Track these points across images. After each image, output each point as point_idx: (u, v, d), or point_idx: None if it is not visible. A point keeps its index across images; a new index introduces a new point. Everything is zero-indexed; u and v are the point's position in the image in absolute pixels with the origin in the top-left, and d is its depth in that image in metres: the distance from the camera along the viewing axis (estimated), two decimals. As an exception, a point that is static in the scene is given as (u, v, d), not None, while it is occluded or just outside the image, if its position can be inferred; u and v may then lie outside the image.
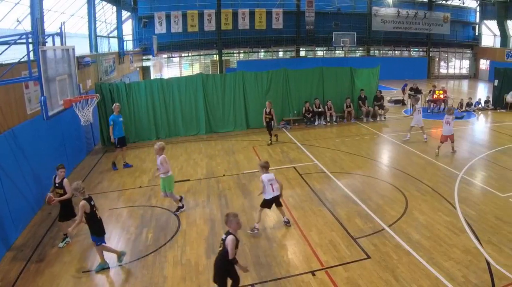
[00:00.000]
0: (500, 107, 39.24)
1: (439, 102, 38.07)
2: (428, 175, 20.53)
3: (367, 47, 63.70)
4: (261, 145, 25.79)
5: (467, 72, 71.85)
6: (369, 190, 18.73)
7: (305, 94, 31.09)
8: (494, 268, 12.42)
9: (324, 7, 57.09)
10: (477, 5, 70.44)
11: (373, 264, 12.56)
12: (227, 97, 28.70)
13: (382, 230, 14.89)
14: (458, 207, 16.93)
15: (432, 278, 11.93)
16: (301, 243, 13.88)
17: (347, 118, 32.43)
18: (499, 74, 40.19)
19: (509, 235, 14.58)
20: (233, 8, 52.32)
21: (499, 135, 29.15)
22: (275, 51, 59.62)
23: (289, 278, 11.89)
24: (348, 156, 23.87)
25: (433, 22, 64.64)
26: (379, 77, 34.78)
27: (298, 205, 16.97)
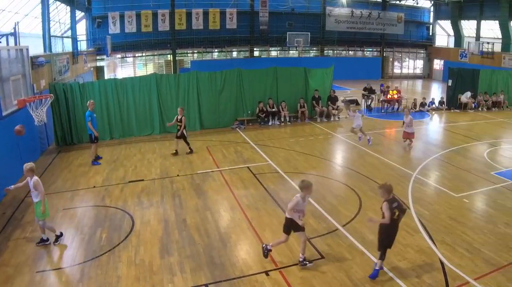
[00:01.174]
0: (454, 108, 39.98)
1: (393, 102, 38.49)
2: (382, 174, 20.73)
3: (321, 47, 64.11)
4: (215, 145, 25.80)
5: (421, 72, 73.33)
6: (323, 190, 18.86)
7: (259, 94, 31.22)
8: (448, 268, 12.62)
9: (278, 7, 57.33)
10: (431, 5, 71.80)
11: (327, 264, 12.64)
12: (181, 98, 28.62)
13: (336, 230, 15.01)
14: (412, 207, 17.18)
15: (386, 278, 12.07)
16: (255, 243, 13.90)
17: (301, 119, 32.61)
18: (453, 74, 40.99)
19: (462, 235, 14.83)
20: (187, 8, 52.22)
21: (453, 136, 29.61)
22: (229, 51, 59.61)
23: (243, 278, 11.91)
24: (302, 156, 24.00)
25: (387, 22, 65.51)
26: (333, 77, 35.07)
27: (252, 205, 17.01)
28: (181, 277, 11.87)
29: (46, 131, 25.54)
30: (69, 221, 15.74)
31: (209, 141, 26.46)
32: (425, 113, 38.06)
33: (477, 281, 11.93)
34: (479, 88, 41.62)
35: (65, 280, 11.86)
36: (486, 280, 12.04)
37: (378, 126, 32.19)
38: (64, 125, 25.77)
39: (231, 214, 16.11)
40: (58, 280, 11.90)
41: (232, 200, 17.53)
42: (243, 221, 15.56)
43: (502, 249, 13.90)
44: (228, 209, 16.53)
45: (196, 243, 13.78)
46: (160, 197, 17.89)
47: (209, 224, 15.22)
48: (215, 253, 13.19)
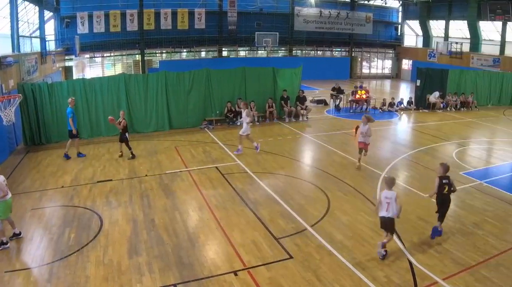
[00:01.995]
0: (423, 108, 40.26)
1: (361, 102, 38.67)
2: (350, 174, 20.86)
3: (290, 47, 64.19)
4: (184, 145, 25.72)
5: (390, 72, 73.86)
6: (291, 190, 18.91)
7: (227, 94, 31.21)
8: (417, 268, 12.76)
9: (247, 7, 57.26)
10: (399, 5, 72.27)
11: (295, 264, 12.68)
12: (149, 98, 28.54)
13: (305, 230, 15.06)
14: (380, 207, 17.30)
15: (354, 278, 12.14)
16: (224, 243, 13.93)
17: (270, 119, 32.71)
18: (421, 74, 41.36)
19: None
20: (156, 8, 51.96)
21: (422, 136, 29.85)
22: (197, 51, 59.46)
23: (211, 278, 11.93)
24: (271, 156, 24.07)
25: (355, 22, 65.83)
26: (301, 77, 35.15)
27: (221, 205, 17.03)
28: (149, 277, 11.87)
29: (14, 131, 25.33)
30: (37, 221, 15.64)
31: (178, 141, 26.39)
32: (394, 113, 38.31)
33: (446, 281, 12.08)
34: (448, 88, 41.99)
35: (33, 280, 11.79)
36: (455, 280, 12.19)
37: (347, 126, 32.23)
38: (32, 125, 25.55)
39: (200, 214, 16.12)
40: (26, 280, 11.81)
41: (201, 200, 17.53)
42: (212, 221, 15.56)
43: (471, 249, 14.08)
44: (197, 209, 16.54)
45: (165, 243, 13.78)
46: (128, 197, 17.84)
47: (178, 224, 15.22)
48: (183, 253, 13.19)
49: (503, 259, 13.49)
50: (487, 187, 19.86)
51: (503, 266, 13.03)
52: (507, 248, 14.23)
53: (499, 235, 15.21)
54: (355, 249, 13.77)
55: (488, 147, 27.34)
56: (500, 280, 12.24)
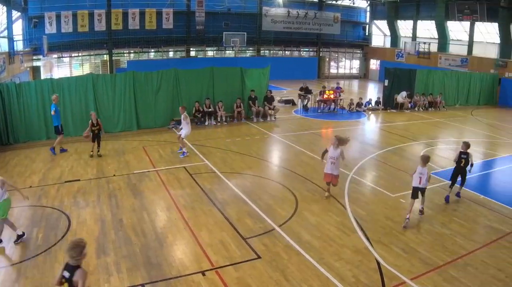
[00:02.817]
0: (391, 108, 40.56)
1: (329, 102, 38.89)
2: (318, 175, 20.81)
3: (258, 47, 64.19)
4: (151, 145, 25.68)
5: (358, 72, 74.28)
6: (259, 190, 18.99)
7: (195, 94, 31.19)
8: (385, 268, 12.86)
9: (215, 7, 57.12)
10: (367, 5, 72.65)
11: (263, 264, 12.73)
12: (117, 98, 28.41)
13: (273, 230, 15.11)
14: (348, 207, 17.44)
15: (322, 278, 12.21)
16: (192, 243, 13.96)
17: (238, 119, 32.73)
18: (389, 74, 41.55)
19: (399, 235, 15.14)
20: (123, 8, 51.65)
21: (389, 136, 30.08)
22: (165, 51, 59.18)
23: (179, 278, 11.95)
24: (239, 156, 24.10)
25: (323, 22, 65.92)
26: (269, 77, 35.22)
27: (189, 205, 17.04)
28: (117, 277, 11.86)
29: (-18, 130, 25.16)
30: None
31: (146, 141, 26.31)
32: (362, 114, 38.55)
33: (414, 281, 12.20)
34: (416, 88, 42.40)
35: (1, 279, 11.76)
36: (423, 280, 12.32)
37: (315, 126, 32.44)
38: (0, 125, 25.29)
39: (168, 214, 16.13)
40: (-7, 281, 11.74)
41: (169, 200, 17.53)
42: (180, 221, 15.58)
43: (439, 249, 14.24)
44: (165, 209, 16.55)
45: (133, 243, 13.77)
46: (96, 196, 17.76)
47: (146, 224, 15.21)
48: (151, 253, 13.20)
49: (471, 259, 13.66)
50: (455, 187, 20.04)
51: (471, 266, 13.20)
52: (475, 248, 14.42)
53: (467, 235, 15.41)
54: (323, 249, 13.84)
55: (456, 147, 27.48)
56: (468, 280, 12.40)
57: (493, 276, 12.72)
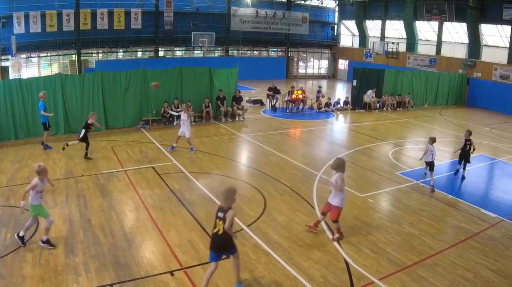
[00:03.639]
0: (359, 108, 40.76)
1: (298, 103, 38.97)
2: (287, 175, 21.01)
3: (226, 47, 64.12)
4: (120, 145, 25.62)
5: (326, 72, 74.34)
6: (228, 190, 18.92)
7: (164, 94, 31.07)
8: (353, 268, 12.95)
9: (183, 7, 56.98)
10: (335, 5, 72.86)
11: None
12: (85, 98, 28.22)
13: (241, 230, 15.14)
14: (316, 207, 17.53)
15: (291, 278, 12.27)
16: (160, 243, 13.97)
17: (206, 119, 32.70)
18: (357, 74, 41.75)
19: (367, 235, 15.26)
20: (92, 8, 51.26)
21: (358, 136, 30.27)
22: (133, 51, 58.92)
23: (147, 278, 11.95)
24: (207, 156, 24.14)
25: (292, 22, 65.95)
26: (237, 77, 35.24)
27: (157, 205, 17.04)
28: (86, 277, 11.82)
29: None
30: (-27, 222, 15.39)
31: (114, 141, 26.20)
32: (330, 114, 38.75)
33: (382, 281, 12.31)
34: (384, 88, 42.67)
35: (-32, 281, 11.61)
36: (391, 280, 12.43)
37: (283, 126, 32.56)
38: (-32, 126, 25.09)
39: (136, 214, 16.12)
40: (-39, 281, 11.64)
41: (137, 200, 17.50)
42: (148, 221, 15.58)
43: (407, 249, 14.38)
44: (133, 209, 16.53)
45: (101, 243, 13.72)
46: (65, 197, 17.67)
47: (114, 224, 15.18)
48: (120, 253, 13.17)
49: (439, 259, 13.82)
50: (423, 187, 20.23)
51: (439, 266, 13.36)
52: (443, 248, 14.60)
53: (436, 235, 15.59)
54: (292, 249, 13.92)
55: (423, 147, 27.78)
56: (436, 280, 12.54)
57: (461, 276, 12.87)
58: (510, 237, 15.87)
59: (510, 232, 16.29)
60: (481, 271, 13.22)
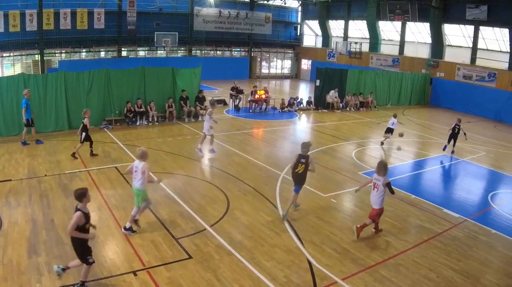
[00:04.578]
0: (322, 108, 40.84)
1: (261, 102, 39.07)
2: (250, 175, 21.10)
3: (189, 47, 63.89)
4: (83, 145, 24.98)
5: (289, 72, 74.53)
6: (191, 190, 19.09)
7: (127, 94, 31.00)
8: (316, 268, 13.08)
9: (146, 7, 56.71)
10: (298, 5, 72.93)
11: (194, 264, 12.85)
12: (48, 97, 27.98)
13: (204, 230, 15.24)
14: (279, 207, 17.63)
15: (254, 278, 12.37)
16: (123, 243, 13.99)
17: (169, 119, 32.65)
18: (320, 74, 41.93)
19: (330, 235, 15.41)
20: (55, 8, 50.77)
21: (321, 135, 30.44)
22: (97, 51, 58.51)
23: (110, 278, 11.97)
24: (170, 156, 24.15)
25: (255, 22, 66.11)
26: (201, 77, 35.34)
27: (120, 205, 17.04)
28: (48, 277, 11.80)
29: None
30: None
31: (77, 141, 25.61)
32: (293, 113, 38.89)
33: (345, 281, 12.47)
34: (347, 88, 42.92)
35: None
36: (354, 280, 12.60)
37: (246, 126, 32.76)
38: None
39: (99, 214, 16.08)
40: None
41: (100, 200, 17.46)
42: (111, 221, 15.59)
43: (370, 249, 14.63)
44: (96, 209, 16.45)
45: (64, 243, 13.63)
46: (27, 197, 17.54)
47: (77, 224, 14.98)
48: (83, 253, 13.00)
49: (402, 259, 14.04)
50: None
51: (402, 266, 13.58)
52: (406, 248, 14.85)
53: (399, 235, 15.85)
54: (254, 249, 14.03)
55: (387, 147, 28.09)
56: (399, 280, 12.75)
57: (424, 276, 13.10)
58: (473, 237, 16.18)
59: (473, 232, 16.61)
60: (444, 271, 13.47)
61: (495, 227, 17.20)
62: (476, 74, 47.96)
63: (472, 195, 21.12)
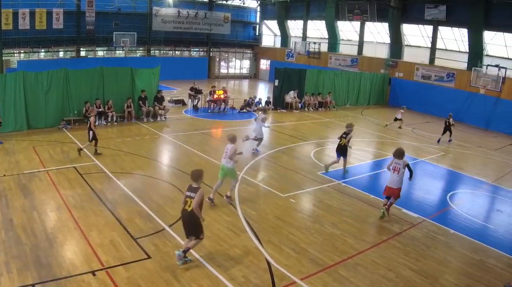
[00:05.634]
0: (281, 108, 41.03)
1: (220, 102, 39.06)
2: (209, 175, 20.80)
3: (148, 47, 63.70)
4: (42, 145, 25.16)
5: (248, 72, 74.64)
6: (149, 190, 19.10)
7: (85, 94, 30.73)
8: (275, 268, 13.17)
9: (105, 7, 56.44)
10: (257, 5, 73.10)
11: (153, 264, 12.87)
12: (7, 97, 27.61)
13: (163, 230, 15.27)
14: (238, 207, 17.75)
15: (212, 278, 12.42)
16: (82, 243, 13.90)
17: (128, 119, 32.49)
18: (279, 74, 42.02)
19: (289, 235, 15.51)
20: (14, 8, 50.18)
21: (280, 136, 30.65)
22: (55, 51, 58.00)
23: (69, 278, 11.89)
24: (129, 156, 24.07)
25: (213, 22, 65.90)
26: (159, 77, 35.15)
27: (79, 205, 16.92)
28: (7, 277, 11.74)
29: None
30: None
31: (36, 141, 25.83)
32: (252, 114, 38.87)
33: (304, 281, 12.58)
34: (306, 88, 43.20)
35: None
36: (313, 280, 12.72)
37: (205, 126, 32.79)
38: None
39: (58, 214, 15.98)
40: None
41: (59, 200, 17.33)
42: (70, 221, 15.47)
43: (329, 249, 14.72)
44: (55, 209, 16.38)
45: (23, 243, 13.60)
46: (-14, 197, 17.40)
47: (36, 224, 15.02)
48: (41, 253, 13.07)
49: (361, 259, 14.21)
50: (345, 187, 20.62)
51: (361, 266, 13.75)
52: (365, 248, 15.03)
53: (357, 235, 16.01)
54: (213, 249, 14.11)
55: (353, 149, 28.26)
56: (358, 280, 12.91)
57: (383, 276, 13.30)
58: (432, 237, 16.46)
59: (431, 232, 16.90)
60: (403, 271, 13.69)
61: (454, 227, 17.52)
62: (435, 74, 48.65)
63: (431, 195, 21.49)
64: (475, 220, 18.61)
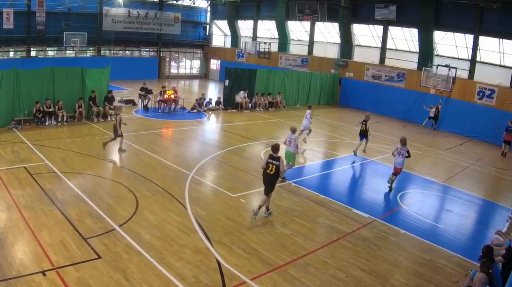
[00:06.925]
0: (231, 108, 41.14)
1: (170, 102, 39.02)
2: (159, 175, 21.19)
3: (98, 47, 63.27)
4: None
5: (198, 72, 74.72)
6: (100, 190, 19.06)
7: (36, 94, 30.38)
8: (225, 268, 13.30)
9: (55, 7, 55.91)
10: (208, 5, 73.14)
11: (103, 264, 12.88)
12: (-43, 98, 27.28)
13: (113, 230, 15.26)
14: (188, 207, 17.79)
15: (163, 278, 12.50)
16: (32, 243, 13.83)
17: (78, 119, 32.20)
18: (230, 74, 42.16)
19: (240, 235, 15.69)
20: (-36, 8, 49.72)
21: (230, 136, 30.81)
22: (5, 52, 57.34)
23: (19, 278, 11.85)
24: (79, 156, 23.92)
25: (164, 22, 65.87)
26: (110, 77, 35.13)
27: (29, 205, 16.81)
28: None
29: None
30: None
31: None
32: (202, 114, 39.04)
33: (254, 281, 12.75)
34: (256, 88, 43.32)
35: None
36: (263, 280, 12.89)
37: (155, 126, 32.83)
38: None
39: (8, 213, 15.88)
40: None
41: (9, 200, 17.18)
42: (20, 221, 15.37)
43: (279, 249, 14.91)
44: (5, 209, 16.26)
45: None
46: None
47: (-14, 224, 14.92)
48: (-8, 253, 12.99)
49: (311, 259, 14.42)
50: (295, 187, 20.82)
51: (311, 266, 13.96)
52: (315, 248, 15.24)
53: (308, 235, 16.24)
54: (163, 249, 14.17)
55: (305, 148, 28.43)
56: (308, 280, 13.11)
57: (333, 276, 13.53)
58: (382, 237, 16.80)
59: (382, 232, 17.23)
60: (353, 271, 13.95)
61: (404, 227, 17.87)
62: (385, 74, 49.32)
63: (381, 195, 21.87)
64: (426, 220, 19.01)
